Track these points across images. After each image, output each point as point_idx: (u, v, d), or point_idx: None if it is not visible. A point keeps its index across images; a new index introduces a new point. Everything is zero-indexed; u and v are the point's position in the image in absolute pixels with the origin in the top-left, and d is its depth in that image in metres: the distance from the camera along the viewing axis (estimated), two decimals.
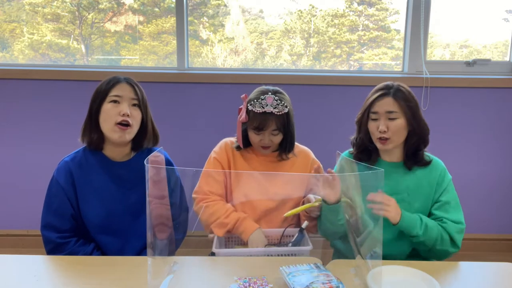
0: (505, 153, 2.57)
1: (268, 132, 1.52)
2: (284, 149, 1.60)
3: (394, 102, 1.40)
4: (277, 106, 1.49)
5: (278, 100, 1.50)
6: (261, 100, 1.50)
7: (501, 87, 2.49)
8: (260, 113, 1.49)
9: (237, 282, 1.15)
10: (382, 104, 1.41)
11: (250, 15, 2.75)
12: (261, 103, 1.49)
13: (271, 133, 1.53)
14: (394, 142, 1.41)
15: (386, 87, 1.43)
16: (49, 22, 2.65)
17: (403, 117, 1.40)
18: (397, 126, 1.39)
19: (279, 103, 1.50)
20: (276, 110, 1.49)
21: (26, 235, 2.59)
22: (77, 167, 1.45)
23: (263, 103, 1.49)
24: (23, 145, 2.53)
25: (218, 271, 1.23)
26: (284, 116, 1.51)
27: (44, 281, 1.19)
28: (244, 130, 1.57)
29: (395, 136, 1.40)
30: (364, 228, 1.21)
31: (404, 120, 1.40)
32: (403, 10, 2.56)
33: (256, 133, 1.53)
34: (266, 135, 1.52)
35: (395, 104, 1.40)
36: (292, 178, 1.67)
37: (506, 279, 1.25)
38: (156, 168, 1.19)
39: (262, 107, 1.49)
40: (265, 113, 1.49)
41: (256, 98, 1.51)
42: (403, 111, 1.40)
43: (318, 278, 1.11)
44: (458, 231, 1.39)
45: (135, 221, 1.47)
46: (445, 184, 1.44)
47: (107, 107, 1.40)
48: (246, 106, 1.53)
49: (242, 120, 1.53)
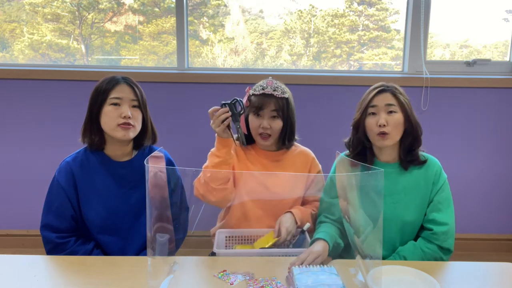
0: (505, 153, 2.57)
1: (268, 114, 1.55)
2: (284, 137, 1.60)
3: (393, 97, 1.43)
4: (276, 89, 1.56)
5: (277, 84, 1.57)
6: (262, 84, 1.58)
7: (501, 87, 2.49)
8: (260, 94, 1.55)
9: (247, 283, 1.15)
10: (382, 98, 1.42)
11: (250, 15, 2.75)
12: (261, 85, 1.57)
13: (270, 116, 1.55)
14: (393, 137, 1.41)
15: (383, 85, 1.46)
16: (49, 22, 2.65)
17: (401, 112, 1.42)
18: (397, 120, 1.40)
19: (278, 86, 1.57)
20: (276, 93, 1.55)
21: (26, 235, 2.59)
22: (79, 167, 1.45)
23: (263, 85, 1.57)
24: (23, 145, 2.53)
25: (218, 271, 1.23)
26: (283, 100, 1.56)
27: (44, 281, 1.19)
28: (246, 123, 1.59)
29: (394, 131, 1.41)
30: (364, 228, 1.21)
31: (402, 115, 1.41)
32: (403, 10, 2.56)
33: (255, 115, 1.56)
34: (266, 118, 1.54)
35: (394, 98, 1.42)
36: (292, 178, 1.67)
37: (506, 279, 1.25)
38: (156, 168, 1.19)
39: (262, 88, 1.56)
40: (265, 94, 1.55)
41: (258, 84, 1.60)
42: (401, 106, 1.42)
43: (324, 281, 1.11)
44: (445, 237, 1.39)
45: (136, 221, 1.47)
46: (440, 183, 1.45)
47: (108, 110, 1.41)
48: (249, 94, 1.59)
49: (245, 104, 1.56)
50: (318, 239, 1.37)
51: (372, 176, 1.15)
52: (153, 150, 1.56)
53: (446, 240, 1.39)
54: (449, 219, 1.42)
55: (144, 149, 1.54)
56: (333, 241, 1.38)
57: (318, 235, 1.39)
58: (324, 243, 1.34)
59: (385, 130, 1.39)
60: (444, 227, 1.40)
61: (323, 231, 1.41)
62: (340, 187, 1.36)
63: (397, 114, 1.41)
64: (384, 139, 1.41)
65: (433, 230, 1.40)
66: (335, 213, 1.49)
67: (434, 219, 1.41)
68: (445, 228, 1.40)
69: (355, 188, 1.24)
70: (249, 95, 1.58)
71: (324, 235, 1.38)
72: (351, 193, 1.25)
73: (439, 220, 1.41)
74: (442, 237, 1.39)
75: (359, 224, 1.22)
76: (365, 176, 1.19)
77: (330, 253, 1.34)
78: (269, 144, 1.61)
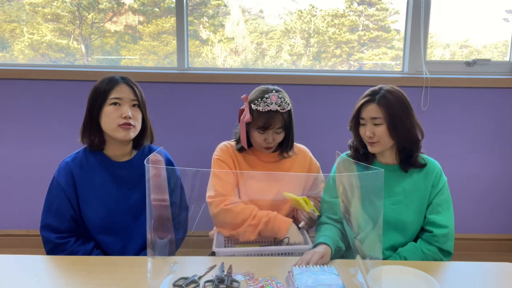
0: (505, 153, 2.57)
1: (273, 131, 1.52)
2: (286, 148, 1.60)
3: (377, 109, 1.40)
4: (281, 104, 1.50)
5: (282, 98, 1.51)
6: (266, 99, 1.50)
7: (501, 87, 2.49)
8: (266, 111, 1.49)
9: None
10: (367, 110, 1.42)
11: (250, 15, 2.75)
12: (265, 101, 1.49)
13: (275, 132, 1.53)
14: (382, 145, 1.42)
15: (373, 93, 1.43)
16: (49, 22, 2.65)
17: (385, 123, 1.40)
18: (381, 132, 1.40)
19: (282, 101, 1.51)
20: (281, 108, 1.50)
21: (26, 235, 2.59)
22: (78, 167, 1.45)
23: (268, 101, 1.49)
24: (23, 145, 2.53)
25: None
26: (287, 113, 1.53)
27: (44, 281, 1.19)
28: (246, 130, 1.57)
29: (382, 140, 1.41)
30: (364, 228, 1.21)
31: (385, 127, 1.40)
32: (403, 10, 2.56)
33: (260, 132, 1.53)
34: (270, 134, 1.53)
35: (378, 110, 1.40)
36: (292, 178, 1.67)
37: (506, 279, 1.25)
38: (156, 168, 1.19)
39: (267, 105, 1.49)
40: (270, 111, 1.49)
41: (259, 97, 1.51)
42: (386, 118, 1.40)
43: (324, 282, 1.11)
44: (445, 239, 1.40)
45: (136, 221, 1.47)
46: (440, 186, 1.45)
47: (108, 110, 1.41)
48: (249, 106, 1.53)
49: (247, 120, 1.52)
50: (320, 244, 1.37)
51: (372, 176, 1.15)
52: (153, 149, 1.56)
53: (446, 242, 1.40)
54: (449, 221, 1.42)
55: (143, 149, 1.54)
56: (335, 245, 1.38)
57: (320, 239, 1.39)
58: (326, 247, 1.34)
59: (373, 140, 1.41)
60: (444, 230, 1.40)
61: (325, 235, 1.41)
62: (341, 187, 1.36)
63: (382, 126, 1.40)
64: (372, 146, 1.43)
65: (433, 232, 1.40)
66: (337, 213, 1.49)
67: (434, 222, 1.41)
68: (445, 231, 1.40)
69: (356, 188, 1.24)
70: (251, 109, 1.52)
71: (326, 239, 1.38)
72: (352, 193, 1.25)
73: (439, 223, 1.41)
74: (442, 240, 1.39)
75: (359, 223, 1.22)
76: (365, 176, 1.19)
77: (331, 258, 1.34)
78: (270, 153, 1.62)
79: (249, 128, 1.56)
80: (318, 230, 1.50)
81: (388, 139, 1.41)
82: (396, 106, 1.40)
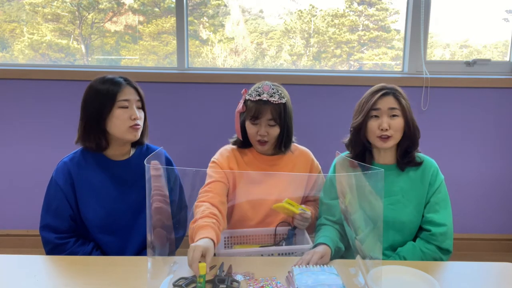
0: (505, 153, 2.57)
1: (265, 122, 1.51)
2: (281, 143, 1.57)
3: (395, 101, 1.42)
4: (273, 94, 1.50)
5: (275, 89, 1.51)
6: (258, 89, 1.52)
7: (501, 87, 2.49)
8: (256, 100, 1.50)
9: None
10: (385, 101, 1.42)
11: (250, 15, 2.75)
12: (257, 91, 1.51)
13: (267, 124, 1.52)
14: (394, 139, 1.42)
15: (385, 88, 1.45)
16: (49, 22, 2.65)
17: (402, 116, 1.42)
18: (398, 124, 1.41)
19: (275, 92, 1.51)
20: (272, 99, 1.49)
21: (26, 235, 2.59)
22: (76, 167, 1.45)
23: (260, 91, 1.51)
24: (23, 145, 2.53)
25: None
26: (281, 106, 1.51)
27: (44, 281, 1.19)
28: (242, 126, 1.57)
29: (396, 134, 1.42)
30: (364, 228, 1.21)
31: (403, 120, 1.42)
32: (403, 10, 2.56)
33: (252, 123, 1.53)
34: (263, 126, 1.51)
35: (396, 102, 1.42)
36: (292, 178, 1.67)
37: (506, 279, 1.25)
38: (155, 168, 1.19)
39: (259, 94, 1.50)
40: (261, 100, 1.49)
41: (253, 88, 1.54)
42: (403, 111, 1.42)
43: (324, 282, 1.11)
44: (444, 238, 1.40)
45: (135, 220, 1.47)
46: (437, 184, 1.45)
47: (118, 113, 1.41)
48: (245, 98, 1.55)
49: (239, 110, 1.53)
50: (320, 244, 1.37)
51: (372, 176, 1.15)
52: (151, 148, 1.56)
53: (444, 241, 1.40)
54: (447, 220, 1.42)
55: (141, 148, 1.55)
56: (335, 246, 1.38)
57: (320, 239, 1.39)
58: (326, 247, 1.34)
59: (387, 133, 1.41)
60: (442, 228, 1.40)
61: (324, 236, 1.41)
62: (340, 187, 1.36)
63: (399, 118, 1.42)
64: (385, 142, 1.42)
65: (431, 231, 1.40)
66: (335, 214, 1.49)
67: (432, 220, 1.41)
68: (443, 229, 1.40)
69: (355, 188, 1.24)
70: (245, 99, 1.54)
71: (326, 239, 1.38)
72: (351, 193, 1.25)
73: (437, 221, 1.41)
74: (440, 238, 1.39)
75: (359, 224, 1.22)
76: (365, 176, 1.19)
77: (331, 258, 1.34)
78: (267, 149, 1.60)
79: (244, 121, 1.56)
80: (318, 231, 1.50)
81: (400, 134, 1.43)
82: (407, 101, 1.45)
